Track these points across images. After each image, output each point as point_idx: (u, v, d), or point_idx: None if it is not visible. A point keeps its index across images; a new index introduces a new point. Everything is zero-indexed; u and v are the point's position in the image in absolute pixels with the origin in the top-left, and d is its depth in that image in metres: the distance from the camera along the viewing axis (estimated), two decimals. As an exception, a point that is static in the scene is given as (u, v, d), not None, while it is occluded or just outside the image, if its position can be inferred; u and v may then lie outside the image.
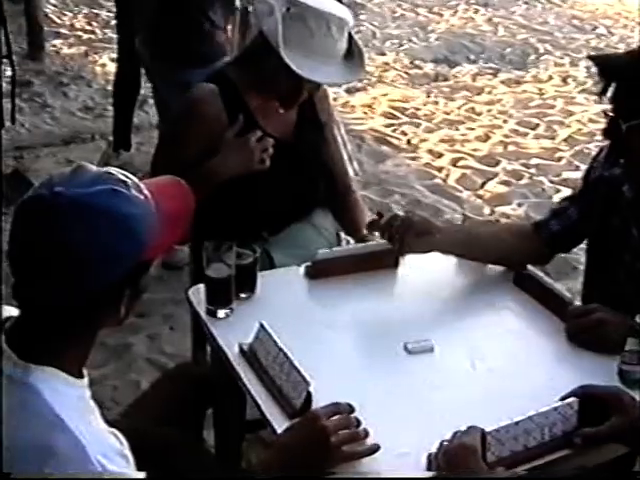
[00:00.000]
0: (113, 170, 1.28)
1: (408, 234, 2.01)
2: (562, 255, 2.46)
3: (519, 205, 4.45)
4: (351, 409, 1.54)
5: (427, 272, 2.18)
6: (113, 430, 1.29)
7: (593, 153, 2.20)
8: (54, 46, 6.47)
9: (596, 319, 1.88)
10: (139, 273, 1.28)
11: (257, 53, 2.27)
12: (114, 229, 1.20)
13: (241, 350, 1.79)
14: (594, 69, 1.87)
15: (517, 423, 1.52)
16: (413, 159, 4.94)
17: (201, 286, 1.98)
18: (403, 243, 2.01)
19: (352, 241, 2.46)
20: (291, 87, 2.25)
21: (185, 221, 1.36)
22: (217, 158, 2.26)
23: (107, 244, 1.19)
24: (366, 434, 1.52)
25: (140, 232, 1.22)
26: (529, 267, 2.06)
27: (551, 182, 4.71)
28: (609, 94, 1.84)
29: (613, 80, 1.83)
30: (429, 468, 1.48)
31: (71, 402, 1.23)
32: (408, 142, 5.14)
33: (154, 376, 2.75)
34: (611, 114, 1.83)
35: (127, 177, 1.27)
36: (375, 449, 1.51)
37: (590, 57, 1.89)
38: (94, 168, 1.27)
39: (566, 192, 3.70)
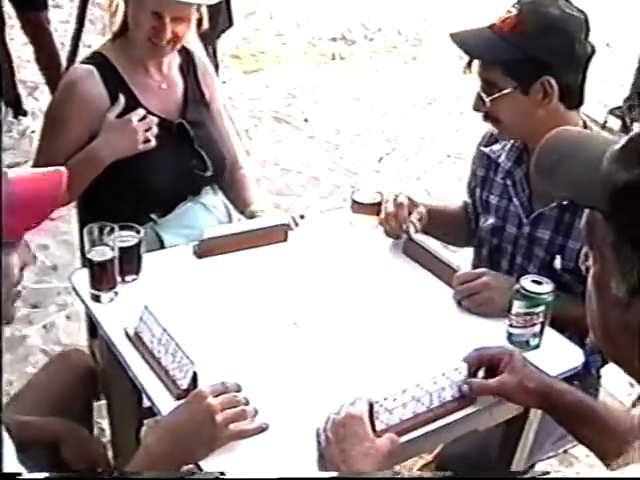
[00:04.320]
0: None
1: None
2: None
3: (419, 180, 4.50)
4: (238, 388, 1.52)
5: (316, 246, 2.18)
6: None
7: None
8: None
9: (481, 283, 1.90)
10: None
11: (123, 20, 2.22)
12: None
13: (126, 334, 1.75)
14: None
15: (404, 391, 1.52)
16: (311, 137, 4.93)
17: (85, 271, 1.92)
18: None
19: (243, 219, 2.42)
20: (139, 23, 2.17)
21: (43, 209, 1.30)
22: (99, 140, 2.21)
23: None
24: (255, 413, 1.50)
25: None
26: (414, 236, 2.07)
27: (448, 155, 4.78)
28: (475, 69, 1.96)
29: (469, 54, 1.95)
30: (318, 442, 1.46)
31: None
32: (305, 120, 5.12)
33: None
34: (479, 89, 1.96)
35: None
36: (264, 428, 1.50)
37: (451, 35, 1.94)
38: None
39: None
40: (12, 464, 1.24)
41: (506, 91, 1.90)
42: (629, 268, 0.83)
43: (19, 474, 1.17)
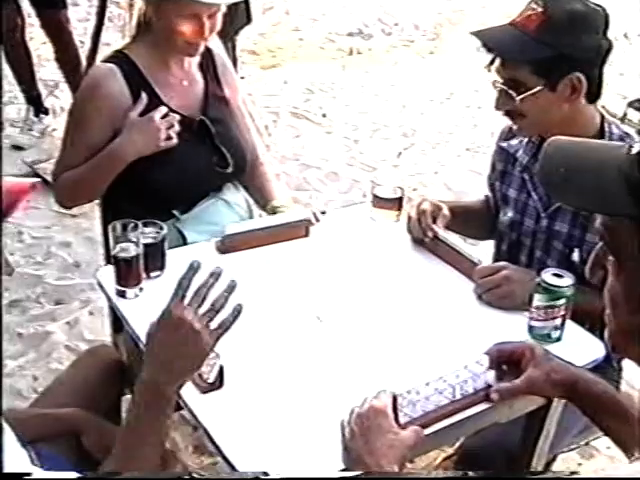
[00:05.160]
0: None
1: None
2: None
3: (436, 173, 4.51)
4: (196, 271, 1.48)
5: (337, 241, 2.19)
6: None
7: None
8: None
9: (502, 276, 1.92)
10: None
11: (144, 17, 2.24)
12: None
13: (152, 329, 1.77)
14: None
15: (427, 384, 1.53)
16: (329, 133, 4.94)
17: (110, 267, 1.95)
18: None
19: (265, 215, 2.44)
20: (176, 28, 2.17)
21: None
22: (122, 138, 2.23)
23: None
24: (221, 306, 1.46)
25: None
26: (437, 230, 2.09)
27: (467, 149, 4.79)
28: (495, 66, 1.94)
29: (498, 54, 1.92)
30: (343, 434, 1.48)
31: None
32: (324, 116, 5.13)
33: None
34: (502, 86, 1.92)
35: None
36: (239, 309, 1.46)
37: (476, 33, 1.93)
38: None
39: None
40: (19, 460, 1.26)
41: (535, 90, 1.88)
42: None
43: (27, 474, 1.18)
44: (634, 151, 0.86)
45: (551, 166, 0.95)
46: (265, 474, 1.44)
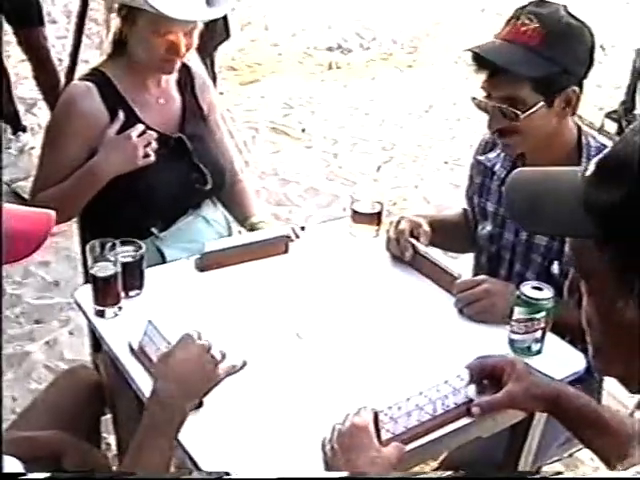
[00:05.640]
0: None
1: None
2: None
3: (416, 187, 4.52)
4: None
5: (317, 257, 2.19)
6: None
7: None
8: None
9: (482, 290, 1.92)
10: None
11: (120, 35, 2.23)
12: None
13: (130, 348, 1.76)
14: None
15: (408, 399, 1.53)
16: (308, 147, 4.95)
17: (88, 286, 1.93)
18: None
19: (244, 232, 2.44)
20: (151, 46, 2.17)
21: (24, 248, 1.27)
22: (99, 156, 2.22)
23: None
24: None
25: None
26: (416, 244, 2.08)
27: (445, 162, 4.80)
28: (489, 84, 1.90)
29: (493, 70, 1.88)
30: (324, 452, 1.47)
31: None
32: (303, 130, 5.14)
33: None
34: (496, 105, 1.88)
35: None
36: (246, 363, 1.56)
37: (470, 50, 1.89)
38: None
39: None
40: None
41: (536, 107, 1.86)
42: (636, 287, 0.83)
43: (22, 474, 1.17)
44: (587, 173, 0.88)
45: (515, 199, 0.97)
46: (227, 474, 1.44)
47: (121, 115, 2.23)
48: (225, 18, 3.96)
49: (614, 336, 0.90)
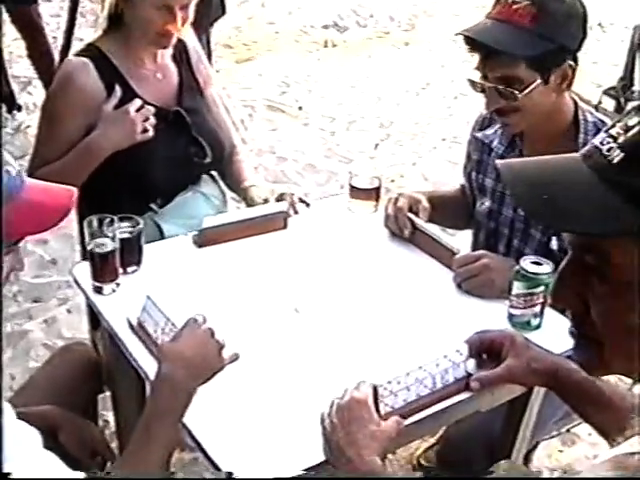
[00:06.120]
0: None
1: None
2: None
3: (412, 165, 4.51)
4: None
5: (315, 232, 2.19)
6: None
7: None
8: None
9: (481, 265, 1.91)
10: None
11: (116, 10, 2.21)
12: None
13: (129, 324, 1.75)
14: None
15: (408, 374, 1.53)
16: (305, 125, 4.93)
17: (86, 263, 1.93)
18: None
19: (243, 207, 2.43)
20: (148, 19, 2.16)
21: (47, 220, 1.33)
22: (97, 132, 2.21)
23: None
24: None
25: None
26: (415, 220, 2.08)
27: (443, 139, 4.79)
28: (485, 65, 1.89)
29: (496, 52, 1.86)
30: (324, 427, 1.47)
31: None
32: (300, 108, 5.12)
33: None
34: (493, 85, 1.88)
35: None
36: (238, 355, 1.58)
37: (461, 33, 1.87)
38: None
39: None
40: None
41: (534, 85, 1.85)
42: None
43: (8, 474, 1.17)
44: (616, 159, 0.83)
45: (529, 199, 0.88)
46: (229, 474, 1.44)
47: (118, 90, 2.22)
48: (221, -6, 3.94)
49: (623, 337, 0.87)
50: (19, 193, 1.28)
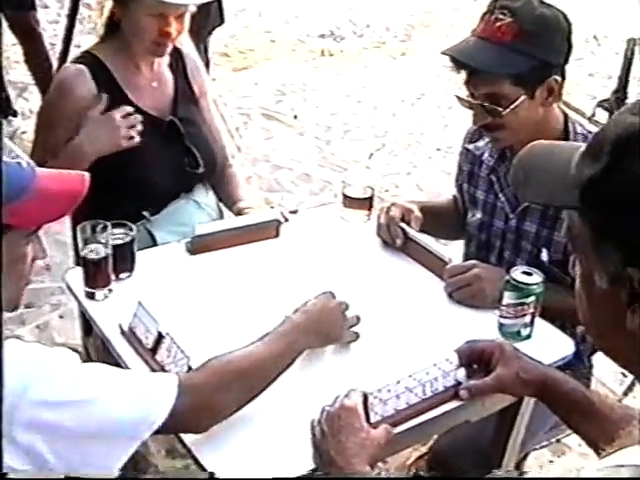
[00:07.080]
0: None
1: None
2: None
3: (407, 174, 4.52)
4: None
5: (308, 241, 2.19)
6: None
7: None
8: None
9: (472, 275, 1.92)
10: None
11: (113, 18, 2.23)
12: None
13: (121, 330, 1.76)
14: None
15: (398, 382, 1.53)
16: (301, 134, 4.94)
17: (79, 269, 1.93)
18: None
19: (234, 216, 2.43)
20: (143, 27, 2.17)
21: (64, 206, 1.37)
22: (80, 136, 2.21)
23: None
24: None
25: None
26: (407, 229, 2.09)
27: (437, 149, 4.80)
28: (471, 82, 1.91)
29: (476, 71, 1.88)
30: (313, 434, 1.48)
31: None
32: (295, 117, 5.13)
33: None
34: (478, 103, 1.90)
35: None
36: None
37: (444, 52, 1.90)
38: None
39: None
40: None
41: (519, 101, 1.86)
42: (607, 258, 0.85)
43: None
44: (582, 147, 0.91)
45: (518, 167, 1.01)
46: (211, 474, 1.44)
47: (104, 97, 2.22)
48: (220, 3, 3.95)
49: (595, 310, 0.92)
50: (32, 184, 1.31)
